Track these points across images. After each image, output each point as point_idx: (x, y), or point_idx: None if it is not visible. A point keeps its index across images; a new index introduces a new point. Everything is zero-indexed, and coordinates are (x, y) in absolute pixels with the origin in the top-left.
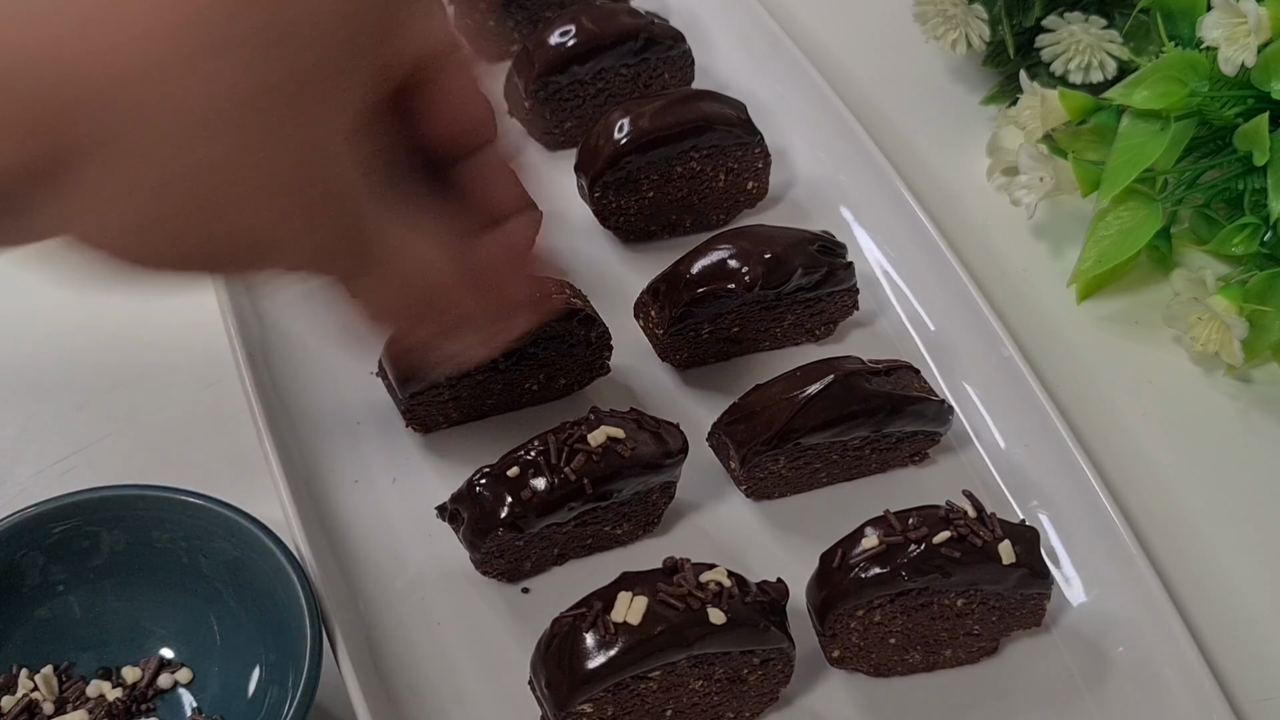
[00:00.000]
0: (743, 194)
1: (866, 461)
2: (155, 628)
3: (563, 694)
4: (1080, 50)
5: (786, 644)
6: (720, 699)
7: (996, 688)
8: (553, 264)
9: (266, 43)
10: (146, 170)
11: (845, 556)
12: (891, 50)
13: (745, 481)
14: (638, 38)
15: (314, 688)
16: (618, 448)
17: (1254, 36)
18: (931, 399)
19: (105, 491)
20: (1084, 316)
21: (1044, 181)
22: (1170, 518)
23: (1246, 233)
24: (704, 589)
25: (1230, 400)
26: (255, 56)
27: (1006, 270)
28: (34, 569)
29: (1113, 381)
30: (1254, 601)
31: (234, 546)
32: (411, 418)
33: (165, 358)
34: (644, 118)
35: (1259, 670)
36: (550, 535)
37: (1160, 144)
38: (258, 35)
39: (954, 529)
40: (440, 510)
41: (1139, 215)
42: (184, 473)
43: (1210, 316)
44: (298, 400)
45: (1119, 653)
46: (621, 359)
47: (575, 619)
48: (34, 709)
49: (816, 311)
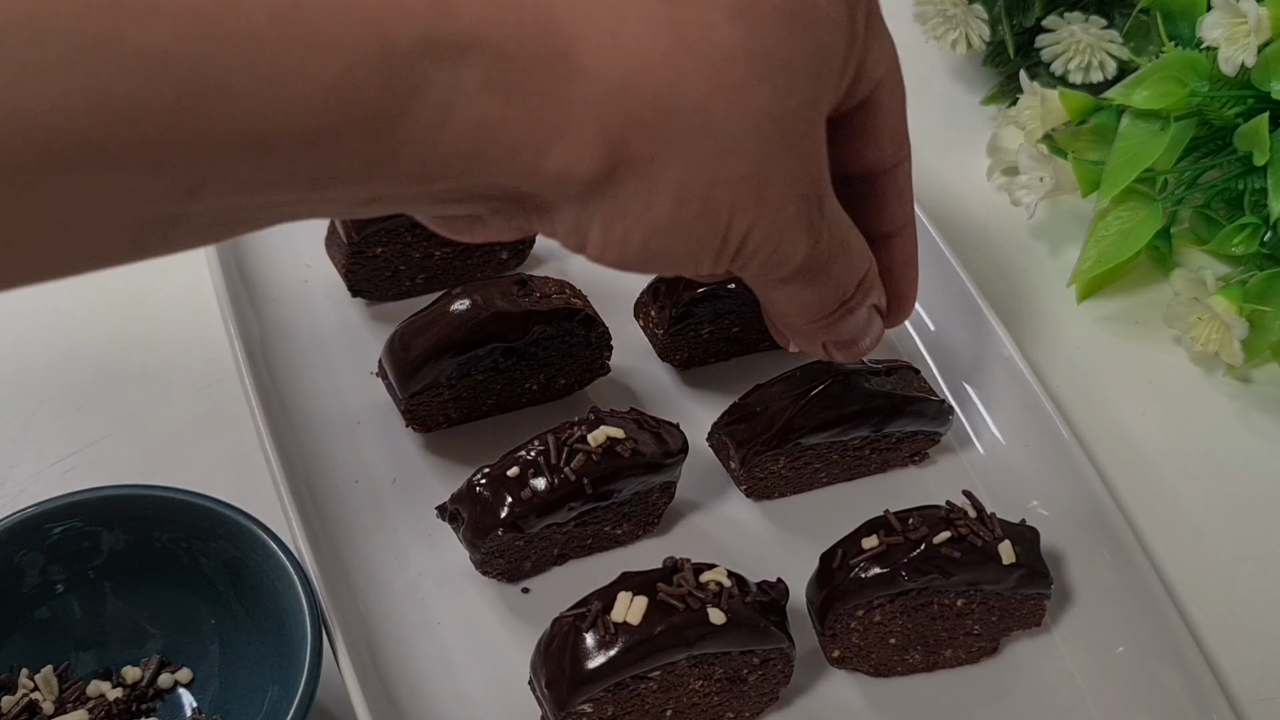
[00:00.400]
0: None
1: (866, 461)
2: (155, 628)
3: (563, 694)
4: (1080, 50)
5: (786, 644)
6: (720, 699)
7: (996, 688)
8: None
9: (797, 69)
10: (681, 186)
11: (845, 556)
12: None
13: (745, 481)
14: None
15: (314, 688)
16: (618, 448)
17: (1254, 36)
18: (931, 399)
19: (105, 491)
20: (1084, 316)
21: (1044, 181)
22: (1170, 518)
23: (1246, 233)
24: (704, 589)
25: (1230, 400)
26: (789, 82)
27: (1006, 270)
28: (34, 569)
29: (1113, 381)
30: (1254, 601)
31: (234, 546)
32: (411, 418)
33: (165, 358)
34: None
35: (1259, 670)
36: (550, 535)
37: (1160, 144)
38: (792, 62)
39: (954, 529)
40: (440, 510)
41: (1139, 215)
42: (184, 473)
43: (1210, 316)
44: (298, 400)
45: (1119, 653)
46: (621, 359)
47: (575, 619)
48: (34, 709)
49: None
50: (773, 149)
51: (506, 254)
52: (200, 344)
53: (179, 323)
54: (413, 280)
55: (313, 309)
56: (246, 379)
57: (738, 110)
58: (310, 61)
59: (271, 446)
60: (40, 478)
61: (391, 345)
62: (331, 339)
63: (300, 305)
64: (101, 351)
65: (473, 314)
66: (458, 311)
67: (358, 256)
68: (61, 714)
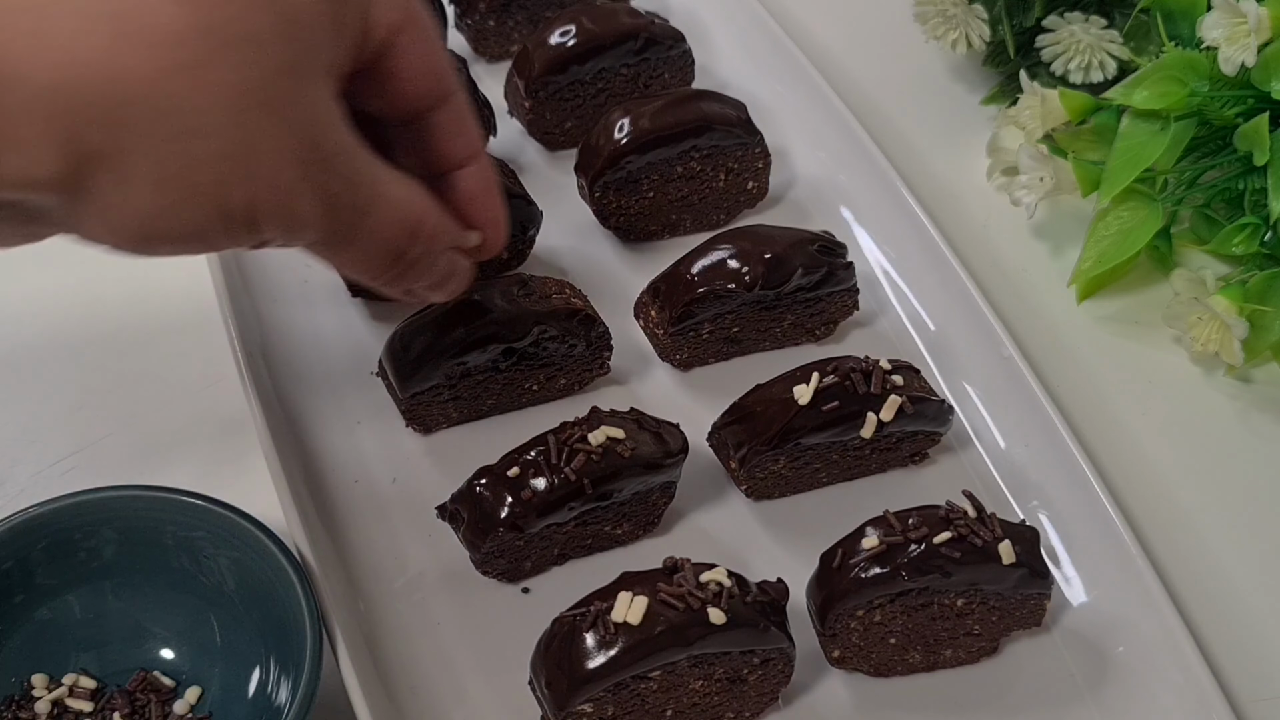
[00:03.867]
0: (743, 194)
1: (866, 461)
2: (155, 628)
3: (563, 694)
4: (1080, 50)
5: (786, 644)
6: (720, 699)
7: (996, 688)
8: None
9: (264, 39)
10: (154, 172)
11: (845, 556)
12: (891, 50)
13: (745, 481)
14: (638, 38)
15: (314, 688)
16: (618, 448)
17: (1254, 36)
18: (931, 399)
19: (105, 491)
20: (1084, 316)
21: (1044, 181)
22: (1170, 518)
23: (1246, 233)
24: (704, 589)
25: (1230, 400)
26: (255, 53)
27: (1006, 270)
28: (34, 569)
29: (1113, 381)
30: (1254, 601)
31: (234, 546)
32: (411, 418)
33: (165, 358)
34: (644, 118)
35: (1259, 670)
36: (550, 535)
37: (1160, 144)
38: (257, 33)
39: (954, 529)
40: (440, 510)
41: (1139, 215)
42: (184, 473)
43: (1210, 316)
44: (298, 400)
45: (1119, 653)
46: (621, 359)
47: (575, 619)
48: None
49: (816, 311)
50: (250, 121)
51: (507, 254)
52: (200, 344)
53: (179, 323)
54: None
55: (313, 309)
56: (246, 379)
57: (198, 90)
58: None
59: (271, 446)
60: (40, 478)
61: (391, 345)
62: (331, 339)
63: (300, 305)
64: (101, 351)
65: (473, 314)
66: (458, 311)
67: None
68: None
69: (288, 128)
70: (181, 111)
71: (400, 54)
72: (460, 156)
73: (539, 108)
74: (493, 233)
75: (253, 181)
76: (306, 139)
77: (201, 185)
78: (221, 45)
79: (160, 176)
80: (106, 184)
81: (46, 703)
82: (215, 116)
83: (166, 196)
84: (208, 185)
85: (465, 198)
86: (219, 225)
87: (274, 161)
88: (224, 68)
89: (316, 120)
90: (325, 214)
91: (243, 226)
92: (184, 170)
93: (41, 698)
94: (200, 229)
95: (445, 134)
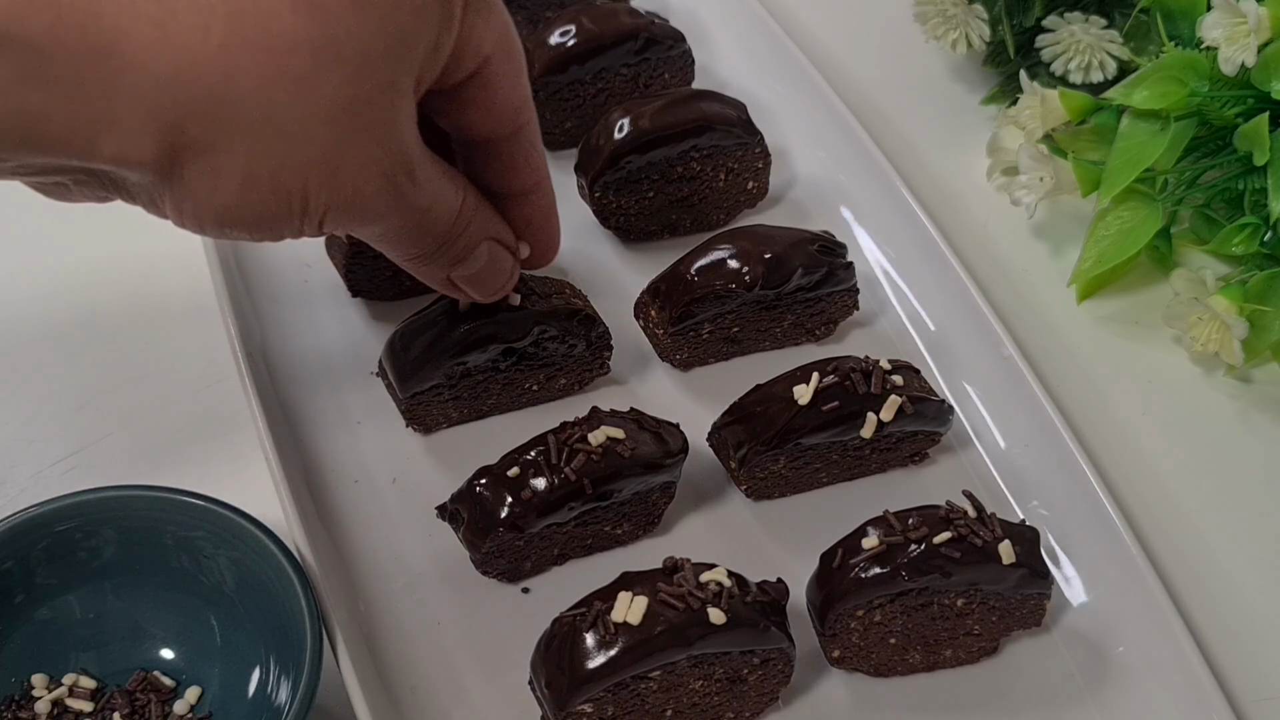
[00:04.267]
0: (743, 194)
1: (866, 461)
2: (155, 628)
3: (563, 694)
4: (1080, 50)
5: (786, 644)
6: (720, 699)
7: (996, 688)
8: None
9: (373, 56)
10: (244, 169)
11: (845, 556)
12: (891, 50)
13: (745, 481)
14: (638, 38)
15: (314, 688)
16: (618, 448)
17: (1254, 36)
18: (931, 399)
19: (105, 491)
20: (1084, 316)
21: (1044, 181)
22: (1170, 518)
23: (1246, 233)
24: (704, 589)
25: (1230, 400)
26: (363, 69)
27: (1006, 270)
28: (34, 569)
29: (1113, 381)
30: (1254, 601)
31: (234, 546)
32: (411, 418)
33: (165, 358)
34: (644, 117)
35: (1259, 670)
36: (550, 535)
37: (1160, 144)
38: (367, 51)
39: (954, 529)
40: (440, 510)
41: (1139, 215)
42: (184, 473)
43: (1210, 316)
44: (298, 400)
45: (1119, 653)
46: (621, 359)
47: (575, 619)
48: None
49: (816, 311)
50: (344, 134)
51: None
52: (200, 344)
53: (179, 323)
54: (413, 280)
55: (313, 309)
56: (246, 379)
57: (302, 99)
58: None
59: (271, 446)
60: (40, 478)
61: (391, 345)
62: (331, 339)
63: (300, 305)
64: (101, 351)
65: (473, 314)
66: (458, 312)
67: (357, 257)
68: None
69: (377, 143)
70: (282, 118)
71: (484, 85)
72: (522, 186)
73: (539, 107)
74: (543, 253)
75: (335, 188)
76: (392, 152)
77: (286, 187)
78: (334, 59)
79: (249, 174)
80: (196, 173)
81: (46, 703)
82: (313, 127)
83: (251, 193)
84: (292, 187)
85: (521, 223)
86: (294, 221)
87: (359, 172)
88: (331, 82)
89: (403, 134)
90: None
91: (314, 223)
92: (273, 172)
93: (41, 698)
94: (274, 223)
95: (510, 164)
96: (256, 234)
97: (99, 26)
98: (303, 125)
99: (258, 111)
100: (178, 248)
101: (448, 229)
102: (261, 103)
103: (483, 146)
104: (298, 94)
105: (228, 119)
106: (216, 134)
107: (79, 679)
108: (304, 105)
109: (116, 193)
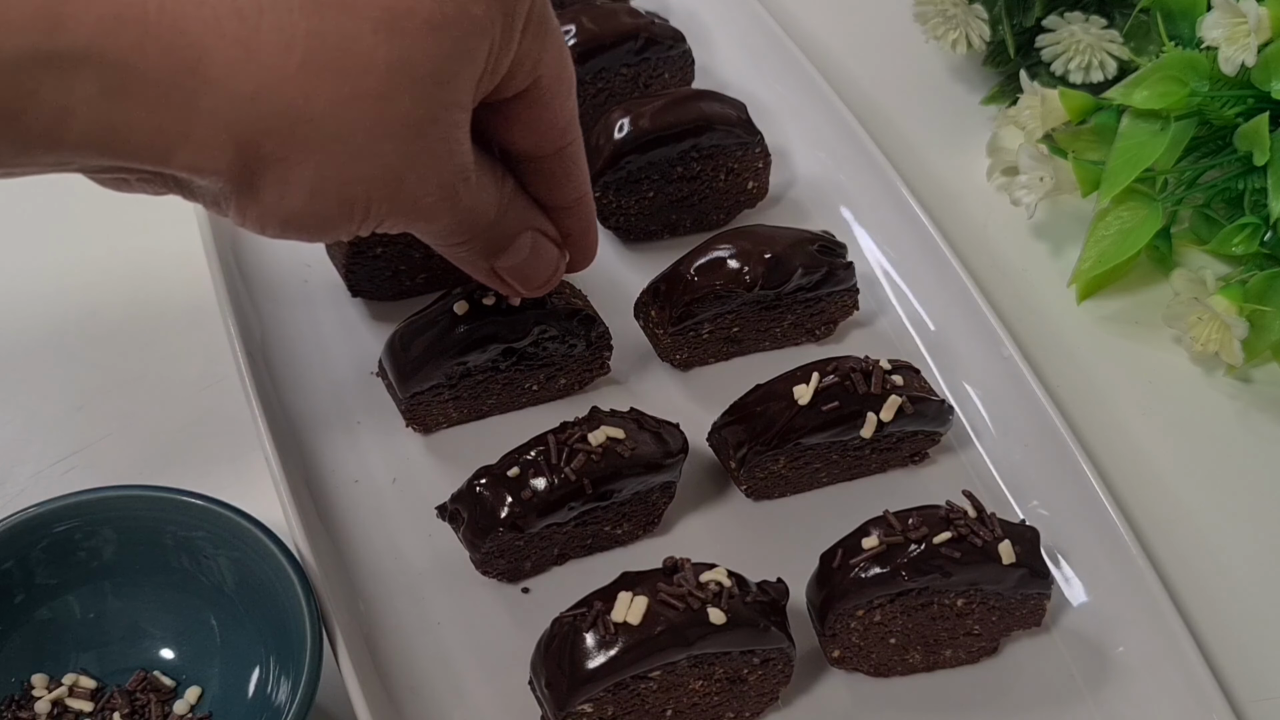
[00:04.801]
0: (743, 194)
1: (866, 461)
2: (155, 628)
3: (563, 694)
4: (1080, 50)
5: (786, 644)
6: (720, 699)
7: (996, 688)
8: None
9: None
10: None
11: (845, 556)
12: (891, 50)
13: (745, 481)
14: (638, 38)
15: (314, 688)
16: (618, 448)
17: (1254, 36)
18: (931, 399)
19: (105, 491)
20: (1084, 316)
21: (1044, 181)
22: (1170, 518)
23: (1246, 233)
24: (704, 589)
25: (1230, 400)
26: (434, 91)
27: (1006, 270)
28: (34, 569)
29: (1113, 381)
30: (1254, 601)
31: (234, 546)
32: (411, 418)
33: (165, 358)
34: (644, 117)
35: (1259, 670)
36: (550, 535)
37: (1160, 144)
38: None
39: (954, 529)
40: (440, 510)
41: (1139, 215)
42: (184, 473)
43: (1210, 316)
44: (298, 400)
45: (1119, 653)
46: (621, 359)
47: (575, 619)
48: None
49: (816, 311)
50: (410, 152)
51: None
52: (200, 344)
53: (179, 323)
54: (413, 280)
55: (313, 309)
56: (246, 379)
57: (374, 118)
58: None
59: (271, 446)
60: (40, 478)
61: (391, 345)
62: (331, 339)
63: (300, 305)
64: (101, 352)
65: (473, 314)
66: (458, 312)
67: (358, 256)
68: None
69: (440, 158)
70: (354, 135)
71: (532, 103)
72: (563, 200)
73: None
74: (577, 264)
75: (397, 199)
76: (452, 165)
77: (351, 198)
78: (408, 81)
79: (317, 186)
80: (266, 184)
81: (46, 703)
82: (382, 144)
83: (318, 203)
84: (356, 198)
85: (566, 232)
86: (353, 226)
87: (419, 184)
88: (403, 102)
89: (463, 148)
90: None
91: (370, 228)
92: (341, 185)
93: (41, 698)
94: (335, 227)
95: (551, 179)
96: (315, 237)
97: (184, 44)
98: (372, 142)
99: (331, 129)
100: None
101: (490, 221)
102: (335, 120)
103: (527, 162)
104: (371, 113)
105: (302, 136)
106: (290, 149)
107: (79, 679)
108: (375, 124)
109: (179, 191)
